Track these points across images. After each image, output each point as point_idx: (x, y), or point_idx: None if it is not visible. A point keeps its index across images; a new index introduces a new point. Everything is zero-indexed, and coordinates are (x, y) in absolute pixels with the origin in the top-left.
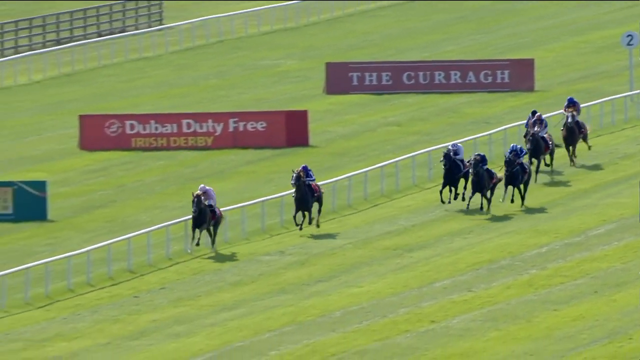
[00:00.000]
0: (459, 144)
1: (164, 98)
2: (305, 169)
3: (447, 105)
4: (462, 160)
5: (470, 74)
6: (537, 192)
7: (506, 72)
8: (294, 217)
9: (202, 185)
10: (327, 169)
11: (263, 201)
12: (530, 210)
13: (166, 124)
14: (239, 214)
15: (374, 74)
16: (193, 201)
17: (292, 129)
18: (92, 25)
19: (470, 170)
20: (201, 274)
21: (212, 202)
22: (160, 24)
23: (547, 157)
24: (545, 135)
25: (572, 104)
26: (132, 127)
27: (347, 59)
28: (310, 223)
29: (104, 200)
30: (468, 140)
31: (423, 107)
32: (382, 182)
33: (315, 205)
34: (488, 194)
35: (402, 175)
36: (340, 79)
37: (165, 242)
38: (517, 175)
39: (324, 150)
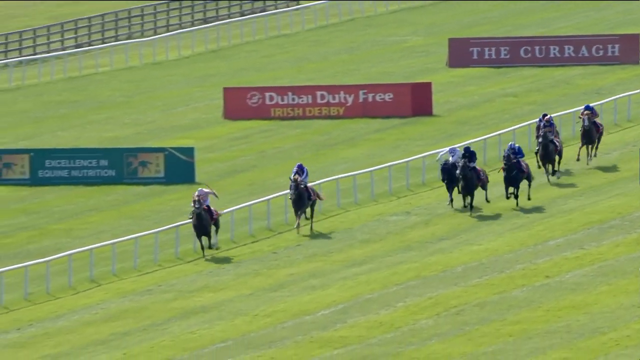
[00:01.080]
0: (457, 148)
1: (300, 72)
2: (300, 167)
3: (561, 77)
4: (454, 164)
5: (583, 48)
6: None
7: (616, 46)
8: (296, 214)
9: (200, 189)
10: (449, 137)
11: (390, 166)
12: (638, 175)
13: (302, 96)
14: (368, 177)
15: (493, 49)
16: (194, 201)
17: (417, 100)
18: (235, 5)
19: (458, 172)
20: (333, 233)
21: (208, 203)
22: (297, 4)
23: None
24: (554, 139)
25: (588, 110)
26: (271, 98)
27: (468, 35)
28: (306, 218)
29: (245, 165)
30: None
31: (539, 79)
32: (499, 148)
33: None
34: (486, 194)
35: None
36: (462, 53)
37: None
38: (517, 177)
39: (446, 119)
